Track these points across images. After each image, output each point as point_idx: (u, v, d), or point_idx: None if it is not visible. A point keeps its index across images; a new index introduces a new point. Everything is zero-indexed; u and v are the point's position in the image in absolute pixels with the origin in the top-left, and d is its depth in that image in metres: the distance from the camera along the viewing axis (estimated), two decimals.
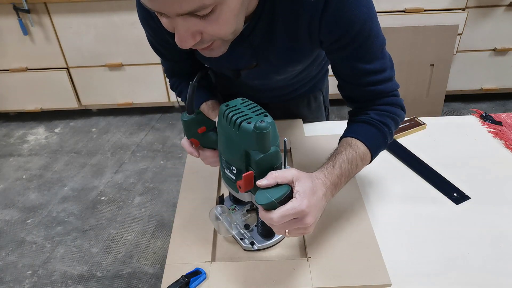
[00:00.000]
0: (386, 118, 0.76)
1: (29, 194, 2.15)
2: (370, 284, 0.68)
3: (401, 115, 0.79)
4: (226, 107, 0.64)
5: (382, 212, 0.85)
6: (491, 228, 0.80)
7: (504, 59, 2.51)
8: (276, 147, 0.63)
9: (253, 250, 0.76)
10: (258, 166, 0.62)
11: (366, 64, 0.72)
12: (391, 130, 0.78)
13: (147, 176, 2.24)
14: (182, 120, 0.73)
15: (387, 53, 0.75)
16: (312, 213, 0.61)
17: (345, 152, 0.72)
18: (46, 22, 2.39)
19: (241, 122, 0.60)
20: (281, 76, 0.89)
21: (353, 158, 0.71)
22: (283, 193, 0.60)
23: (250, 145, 0.61)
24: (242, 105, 0.64)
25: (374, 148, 0.75)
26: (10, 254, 1.81)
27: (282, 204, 0.60)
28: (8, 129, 2.74)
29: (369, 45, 0.71)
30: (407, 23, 2.29)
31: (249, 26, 0.72)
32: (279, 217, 0.59)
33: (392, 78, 0.77)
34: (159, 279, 1.65)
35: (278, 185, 0.61)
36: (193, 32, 0.58)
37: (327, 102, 1.21)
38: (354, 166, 0.72)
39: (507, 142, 1.03)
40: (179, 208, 0.86)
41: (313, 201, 0.61)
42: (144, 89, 2.65)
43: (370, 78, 0.74)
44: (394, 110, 0.77)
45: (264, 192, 0.60)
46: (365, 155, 0.74)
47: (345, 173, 0.70)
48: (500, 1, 2.30)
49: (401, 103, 0.79)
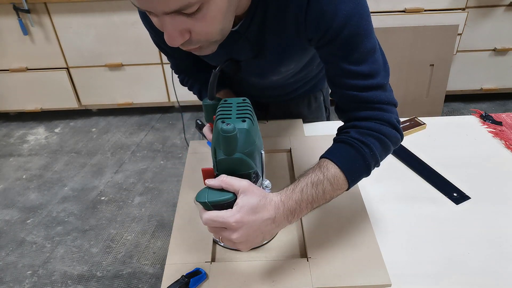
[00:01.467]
0: (367, 138, 0.68)
1: (29, 194, 2.15)
2: (370, 284, 0.68)
3: (391, 134, 0.69)
4: (223, 102, 0.66)
5: (382, 212, 0.85)
6: (491, 228, 0.80)
7: (504, 59, 2.51)
8: (242, 154, 0.62)
9: (220, 245, 0.77)
10: (219, 166, 0.63)
11: (352, 65, 0.67)
12: (373, 152, 0.67)
13: (147, 176, 2.24)
14: (203, 104, 0.76)
15: (381, 60, 0.69)
16: (242, 231, 0.58)
17: (311, 175, 0.65)
18: (46, 22, 2.39)
19: (218, 120, 0.62)
20: (276, 76, 0.89)
21: (318, 182, 0.64)
22: (221, 199, 0.60)
23: (217, 144, 0.62)
24: (237, 105, 0.65)
25: (349, 172, 0.66)
26: (10, 254, 1.81)
27: (217, 209, 0.60)
28: (8, 129, 2.74)
29: (357, 44, 0.66)
30: (407, 23, 2.29)
31: (244, 23, 0.73)
32: (207, 219, 0.60)
33: (383, 87, 0.68)
34: (159, 279, 1.64)
35: (223, 190, 0.61)
36: (181, 30, 0.59)
37: (328, 103, 1.21)
38: (320, 191, 0.64)
39: (507, 142, 1.03)
40: (179, 208, 0.86)
41: (248, 219, 0.58)
42: (144, 89, 2.66)
43: (353, 81, 0.68)
44: (378, 128, 0.68)
45: (207, 191, 0.61)
46: (336, 179, 0.66)
47: (307, 198, 0.63)
48: (500, 1, 2.30)
49: (389, 119, 0.69)
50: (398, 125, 0.70)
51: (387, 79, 0.69)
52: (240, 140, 0.61)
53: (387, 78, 0.69)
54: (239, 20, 0.72)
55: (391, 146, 0.70)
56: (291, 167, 0.97)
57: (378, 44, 0.70)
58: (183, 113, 2.77)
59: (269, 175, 0.94)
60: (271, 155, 1.01)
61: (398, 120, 0.71)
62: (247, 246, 0.62)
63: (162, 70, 2.55)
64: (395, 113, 0.70)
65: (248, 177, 0.65)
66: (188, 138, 2.46)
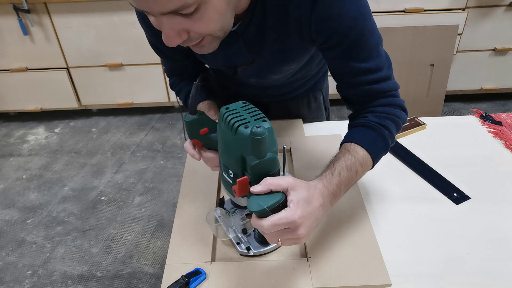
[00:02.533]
0: (385, 120, 0.74)
1: (29, 194, 2.15)
2: (370, 284, 0.68)
3: (402, 116, 0.76)
4: (226, 110, 0.62)
5: (382, 212, 0.85)
6: (491, 228, 0.80)
7: (504, 59, 2.51)
8: (273, 153, 0.61)
9: (249, 256, 0.76)
10: (253, 171, 0.60)
11: (361, 62, 0.71)
12: (392, 133, 0.74)
13: (147, 176, 2.24)
14: (184, 121, 0.73)
15: (383, 52, 0.73)
16: (305, 224, 0.59)
17: (344, 159, 0.69)
18: (46, 22, 2.39)
19: (238, 126, 0.59)
20: (277, 75, 0.89)
21: (352, 165, 0.68)
22: (275, 201, 0.58)
23: (246, 150, 0.60)
24: (242, 109, 0.63)
25: (374, 152, 0.72)
26: (10, 254, 1.81)
27: (274, 212, 0.58)
28: (8, 129, 2.74)
29: (363, 43, 0.69)
30: (407, 23, 2.29)
31: (242, 24, 0.73)
32: (270, 225, 0.57)
33: (390, 77, 0.75)
34: (159, 279, 1.65)
35: (272, 192, 0.60)
36: (179, 31, 0.59)
37: (327, 102, 1.21)
38: (353, 172, 0.69)
39: (507, 142, 1.03)
40: (179, 208, 0.86)
41: (307, 212, 0.59)
42: (144, 89, 2.66)
43: (365, 77, 0.72)
44: (393, 111, 0.75)
45: (257, 198, 0.59)
46: (365, 160, 0.71)
47: (344, 180, 0.67)
48: (500, 1, 2.30)
49: (400, 103, 0.76)
50: (405, 107, 0.78)
51: (391, 69, 0.75)
52: (268, 140, 0.60)
53: (391, 68, 0.75)
54: (238, 21, 0.72)
55: (401, 125, 0.78)
56: (291, 167, 0.97)
57: (378, 34, 0.72)
58: (183, 113, 2.76)
59: None
60: None
61: (404, 103, 0.78)
62: (308, 237, 0.62)
63: (162, 70, 2.55)
64: (399, 97, 0.77)
65: (277, 175, 0.64)
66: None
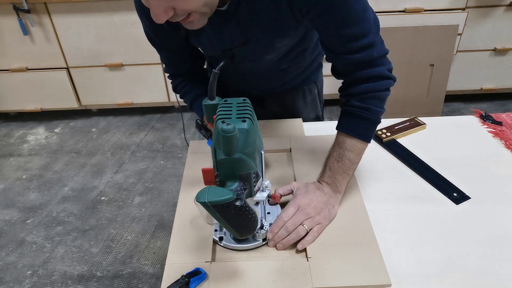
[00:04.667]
0: (366, 101, 0.78)
1: (29, 194, 2.15)
2: (370, 284, 0.68)
3: (383, 86, 0.78)
4: (223, 102, 0.67)
5: (382, 212, 0.85)
6: (491, 228, 0.80)
7: (504, 59, 2.51)
8: (242, 154, 0.62)
9: (220, 245, 0.77)
10: (219, 166, 0.64)
11: (344, 29, 0.72)
12: (375, 110, 0.78)
13: (147, 176, 2.24)
14: (203, 104, 0.78)
15: (370, 17, 0.74)
16: (311, 205, 0.77)
17: (334, 153, 0.81)
18: (46, 22, 2.39)
19: (218, 120, 0.62)
20: (271, 55, 0.90)
21: (341, 155, 0.80)
22: (222, 199, 0.59)
23: (218, 144, 0.62)
24: (237, 104, 0.65)
25: (361, 135, 0.79)
26: (10, 254, 1.81)
27: (218, 210, 0.59)
28: (8, 129, 2.74)
29: (347, 9, 0.70)
30: (407, 23, 2.29)
31: (233, 2, 0.74)
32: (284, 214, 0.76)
33: (374, 44, 0.75)
34: (159, 279, 1.64)
35: (225, 190, 0.61)
36: (165, 8, 0.63)
37: (322, 97, 1.22)
38: (346, 161, 0.80)
39: (507, 142, 1.03)
40: (179, 208, 0.86)
41: (307, 196, 0.79)
42: (144, 89, 2.66)
43: (348, 44, 0.74)
44: (373, 87, 0.77)
45: (207, 191, 0.59)
46: (354, 145, 0.79)
47: (337, 171, 0.80)
48: (500, 1, 2.30)
49: (382, 73, 0.76)
50: (389, 73, 0.78)
51: (378, 34, 0.75)
52: (240, 140, 0.61)
53: (377, 33, 0.75)
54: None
55: (387, 94, 0.79)
56: (291, 167, 0.97)
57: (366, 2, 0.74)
58: (183, 113, 2.74)
59: (269, 175, 0.94)
60: (271, 155, 1.01)
61: (389, 68, 0.78)
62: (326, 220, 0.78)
63: (162, 70, 2.55)
64: (386, 63, 0.77)
65: (248, 177, 0.65)
66: (188, 138, 2.46)
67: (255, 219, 0.66)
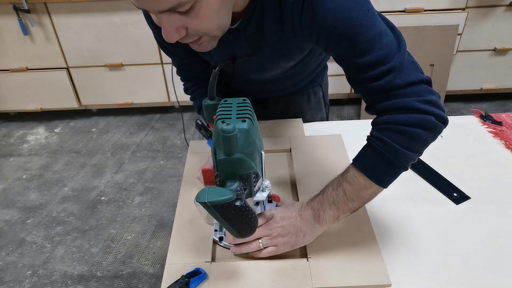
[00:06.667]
0: (384, 132, 0.66)
1: (29, 194, 2.15)
2: (370, 284, 0.68)
3: (410, 121, 0.64)
4: (223, 102, 0.66)
5: (382, 212, 0.85)
6: (491, 228, 0.80)
7: (504, 59, 2.51)
8: (242, 154, 0.62)
9: (219, 245, 0.78)
10: (219, 166, 0.64)
11: (358, 58, 0.65)
12: (390, 145, 0.65)
13: (147, 176, 2.24)
14: (203, 104, 0.78)
15: (391, 42, 0.65)
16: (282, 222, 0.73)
17: (334, 180, 0.73)
18: (46, 22, 2.39)
19: (218, 120, 0.62)
20: (275, 71, 0.90)
21: (338, 184, 0.71)
22: (222, 199, 0.59)
23: (217, 144, 0.62)
24: (237, 104, 0.65)
25: (366, 169, 0.68)
26: (10, 254, 1.81)
27: (218, 210, 0.59)
28: (8, 129, 2.74)
29: (355, 36, 0.64)
30: (407, 23, 2.29)
31: (243, 21, 0.74)
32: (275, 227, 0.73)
33: (395, 69, 0.64)
34: (159, 279, 1.64)
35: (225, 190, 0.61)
36: (177, 27, 0.62)
37: (327, 99, 1.21)
38: (340, 191, 0.70)
39: (507, 142, 1.03)
40: (179, 208, 0.86)
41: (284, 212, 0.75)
42: (144, 89, 2.66)
43: (365, 73, 0.65)
44: (394, 119, 0.65)
45: (207, 191, 0.60)
46: (356, 178, 0.69)
47: (327, 199, 0.72)
48: (500, 1, 2.30)
49: (409, 105, 0.64)
50: (424, 106, 0.64)
51: (401, 59, 0.64)
52: (240, 140, 0.61)
53: (401, 57, 0.65)
54: (239, 18, 0.73)
55: (420, 131, 0.64)
56: (291, 167, 0.97)
57: (389, 25, 0.67)
58: (183, 113, 2.77)
59: (269, 175, 0.94)
60: (271, 155, 1.01)
61: (423, 100, 0.64)
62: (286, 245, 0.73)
63: (162, 70, 2.55)
64: (416, 93, 0.64)
65: (248, 177, 0.65)
66: (188, 138, 2.46)
67: (255, 219, 0.66)
